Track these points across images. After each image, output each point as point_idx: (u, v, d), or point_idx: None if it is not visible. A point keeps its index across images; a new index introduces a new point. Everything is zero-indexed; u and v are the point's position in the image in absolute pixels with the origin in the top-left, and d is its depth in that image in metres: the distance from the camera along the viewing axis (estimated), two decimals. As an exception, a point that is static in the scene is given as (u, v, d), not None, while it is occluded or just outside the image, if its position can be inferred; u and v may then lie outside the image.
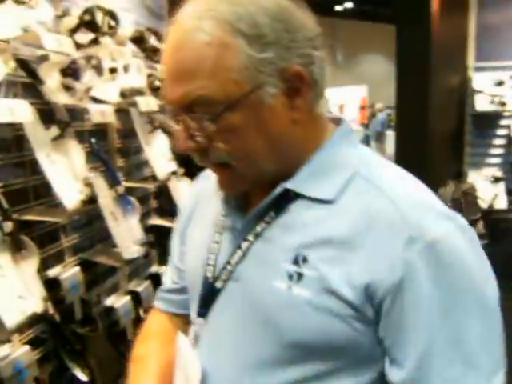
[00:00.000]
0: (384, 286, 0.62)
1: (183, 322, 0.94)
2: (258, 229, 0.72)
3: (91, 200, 1.49)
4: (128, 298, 1.91)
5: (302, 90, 0.68)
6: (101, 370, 1.62)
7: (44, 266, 1.59)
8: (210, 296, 0.76)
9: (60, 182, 1.45)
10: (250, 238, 0.72)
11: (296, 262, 0.67)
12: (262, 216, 0.72)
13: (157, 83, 2.05)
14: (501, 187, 3.21)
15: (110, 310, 1.87)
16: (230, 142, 0.66)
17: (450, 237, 0.63)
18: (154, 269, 2.22)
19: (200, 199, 0.88)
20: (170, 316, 0.95)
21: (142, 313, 2.01)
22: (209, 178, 0.89)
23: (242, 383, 0.71)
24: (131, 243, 1.69)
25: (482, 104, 3.17)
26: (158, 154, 1.99)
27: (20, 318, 1.28)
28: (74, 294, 1.61)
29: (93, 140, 1.74)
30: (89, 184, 1.50)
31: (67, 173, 1.48)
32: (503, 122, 3.29)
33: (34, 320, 1.41)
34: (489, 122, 3.33)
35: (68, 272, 1.60)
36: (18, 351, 1.41)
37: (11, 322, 1.26)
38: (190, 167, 2.25)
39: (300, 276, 0.66)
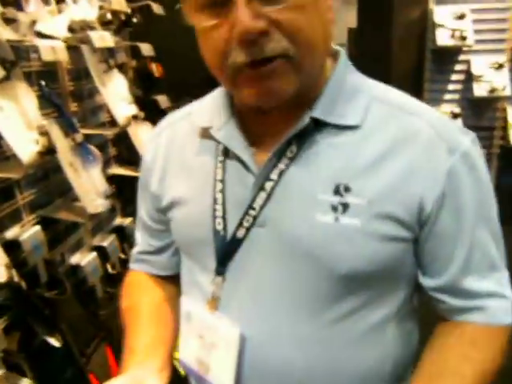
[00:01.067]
0: (432, 197, 0.64)
1: (164, 282, 0.88)
2: (282, 166, 0.66)
3: (49, 151, 1.32)
4: (94, 254, 1.78)
5: None
6: (73, 332, 1.51)
7: (0, 227, 1.43)
8: (228, 250, 0.69)
9: (12, 131, 1.26)
10: (274, 176, 0.66)
11: (337, 192, 0.64)
12: (283, 151, 0.66)
13: (108, 16, 1.82)
14: (459, 123, 3.23)
15: (76, 268, 1.74)
16: (296, 23, 0.59)
17: (473, 146, 0.67)
18: (118, 221, 2.08)
19: (172, 148, 0.78)
20: (150, 276, 0.89)
21: (109, 268, 1.90)
22: (176, 124, 0.81)
23: (292, 332, 0.67)
24: (95, 196, 1.54)
25: (442, 38, 3.10)
26: (116, 96, 1.80)
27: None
28: (36, 255, 1.46)
29: (42, 82, 1.54)
30: (45, 133, 1.32)
31: (19, 120, 1.29)
32: (462, 57, 3.27)
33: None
34: (448, 57, 3.29)
35: (28, 232, 1.44)
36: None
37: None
38: (149, 110, 2.08)
39: (345, 206, 0.63)
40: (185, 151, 0.76)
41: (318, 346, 0.67)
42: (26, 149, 1.27)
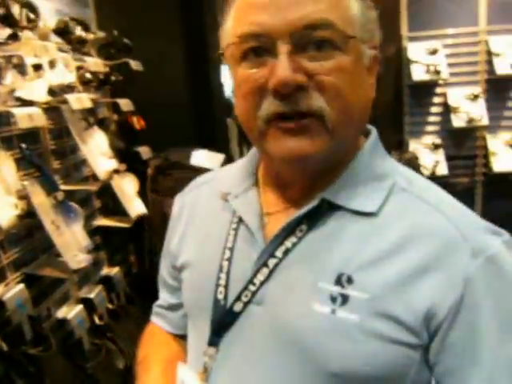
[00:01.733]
0: (444, 305, 0.57)
1: (175, 341, 0.88)
2: (288, 244, 0.63)
3: (28, 214, 1.38)
4: (80, 306, 1.81)
5: (374, 68, 0.64)
6: (59, 388, 1.53)
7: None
8: (224, 321, 0.66)
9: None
10: (279, 254, 0.64)
11: (339, 282, 0.59)
12: (293, 229, 0.64)
13: (88, 76, 1.91)
14: (440, 154, 3.31)
15: (63, 322, 1.76)
16: (335, 83, 0.58)
17: (504, 249, 0.60)
18: (105, 271, 2.12)
19: (194, 210, 0.80)
20: (165, 332, 0.90)
21: (97, 319, 1.92)
22: (201, 187, 0.82)
23: None
24: (77, 252, 1.59)
25: (418, 73, 3.22)
26: (96, 152, 1.88)
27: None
28: (20, 313, 1.50)
29: (23, 145, 1.60)
30: (23, 197, 1.38)
31: (-2, 187, 1.35)
32: (439, 90, 3.37)
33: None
34: (425, 90, 3.40)
35: (12, 291, 1.48)
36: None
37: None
38: (132, 162, 2.15)
39: (345, 298, 0.58)
40: (204, 215, 0.77)
41: None
42: (5, 213, 1.32)
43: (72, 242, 1.62)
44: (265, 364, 0.63)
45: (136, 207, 2.06)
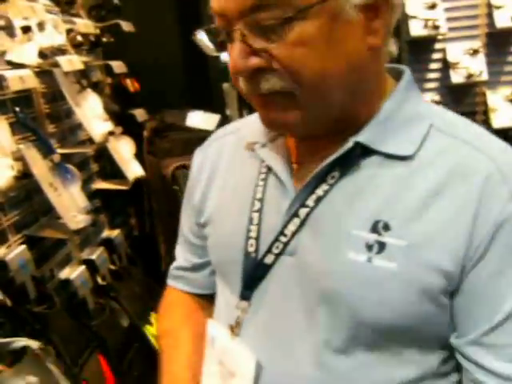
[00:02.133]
0: (478, 248, 0.55)
1: (201, 301, 0.87)
2: (320, 192, 0.61)
3: (25, 175, 1.39)
4: (83, 267, 1.85)
5: (381, 11, 0.57)
6: (65, 344, 1.58)
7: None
8: (255, 274, 0.65)
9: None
10: (310, 202, 0.61)
11: (375, 229, 0.57)
12: (324, 176, 0.61)
13: (79, 38, 1.90)
14: None
15: (66, 282, 1.81)
16: (297, 60, 0.54)
17: None
18: (106, 234, 2.16)
19: (218, 162, 0.77)
20: (187, 294, 0.88)
21: (99, 280, 1.97)
22: (224, 138, 0.79)
23: (305, 372, 0.61)
24: (76, 212, 1.62)
25: (416, 29, 3.15)
26: (91, 114, 1.88)
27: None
28: (23, 273, 1.54)
29: (17, 109, 1.61)
30: (19, 158, 1.39)
31: (-7, 149, 1.37)
32: (438, 46, 3.31)
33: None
34: (424, 46, 3.34)
35: (14, 252, 1.52)
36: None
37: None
38: (127, 125, 2.15)
39: (382, 246, 0.56)
40: (229, 166, 0.74)
41: None
42: (2, 174, 1.34)
43: (70, 203, 1.64)
44: (297, 314, 0.62)
45: (133, 170, 2.08)
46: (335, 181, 0.61)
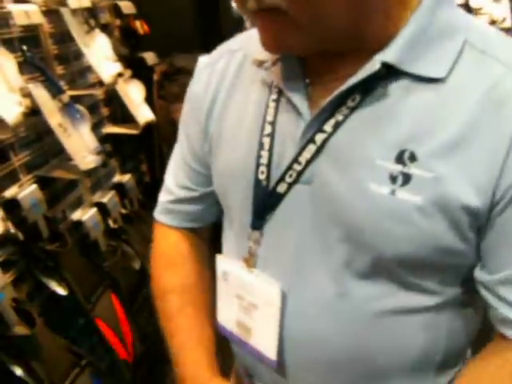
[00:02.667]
0: (507, 184, 0.51)
1: (198, 236, 0.83)
2: (339, 116, 0.55)
3: (33, 111, 1.38)
4: (94, 209, 1.87)
5: None
6: (77, 282, 1.62)
7: (-1, 190, 1.52)
8: (267, 204, 0.61)
9: (-4, 96, 1.33)
10: (328, 128, 0.56)
11: (400, 159, 0.52)
12: (343, 99, 0.55)
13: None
14: None
15: (78, 224, 1.83)
16: None
17: None
18: (117, 178, 2.16)
19: (225, 79, 0.69)
20: (181, 232, 0.82)
21: (111, 223, 1.99)
22: (234, 54, 0.71)
23: (327, 298, 0.60)
24: (86, 153, 1.61)
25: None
26: (100, 55, 1.84)
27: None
28: (35, 212, 1.56)
29: (24, 47, 1.58)
30: (27, 94, 1.38)
31: (1, 85, 1.35)
32: (459, -11, 3.17)
33: (-2, 242, 1.37)
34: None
35: (25, 191, 1.53)
36: (-12, 275, 1.39)
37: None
38: (137, 69, 2.11)
39: (407, 177, 0.52)
40: (238, 86, 0.68)
41: (354, 323, 0.60)
42: (11, 110, 1.33)
43: (80, 143, 1.64)
44: (313, 247, 0.59)
45: (144, 114, 2.06)
46: (356, 104, 0.55)
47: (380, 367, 0.63)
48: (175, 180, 0.79)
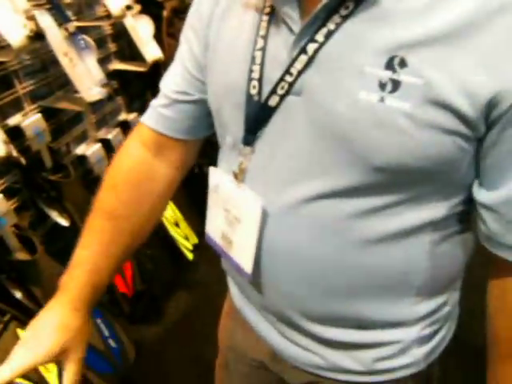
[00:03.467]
0: (509, 95, 0.49)
1: (174, 160, 0.80)
2: (331, 25, 0.54)
3: (38, 35, 1.36)
4: (99, 145, 1.87)
5: None
6: (79, 213, 1.63)
7: (2, 116, 1.50)
8: (258, 118, 0.61)
9: (0, 18, 1.30)
10: (319, 37, 0.55)
11: (390, 66, 0.51)
12: (336, 7, 0.54)
13: None
14: None
15: (82, 158, 1.83)
16: None
17: None
18: (123, 116, 2.15)
19: None
20: (160, 146, 0.78)
21: (115, 160, 1.99)
22: None
23: (312, 215, 0.60)
24: (92, 85, 1.59)
25: None
26: (109, -13, 1.79)
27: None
28: (39, 141, 1.55)
29: (30, -30, 1.53)
30: (31, 17, 1.35)
31: (5, 5, 1.32)
32: None
33: (0, 165, 1.37)
34: None
35: (29, 119, 1.52)
36: (-9, 200, 1.40)
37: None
38: (146, 4, 2.05)
39: (396, 84, 0.51)
40: (235, 2, 0.66)
41: (338, 237, 0.60)
42: (15, 32, 1.31)
43: (86, 74, 1.61)
44: (303, 158, 0.59)
45: (152, 51, 2.01)
46: (349, 13, 0.53)
47: (355, 285, 0.63)
48: (173, 85, 0.76)
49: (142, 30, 2.00)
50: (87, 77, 1.61)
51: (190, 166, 0.85)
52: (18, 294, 1.42)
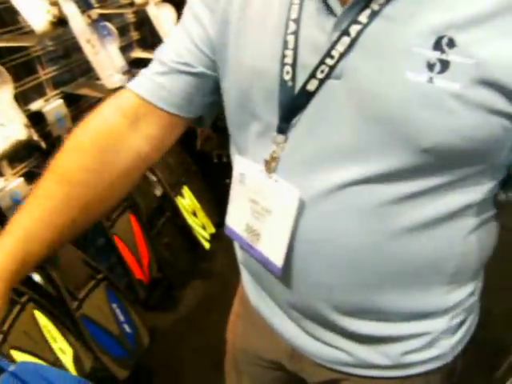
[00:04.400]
0: None
1: (163, 123, 0.71)
2: (375, 6, 0.52)
3: (61, 21, 1.37)
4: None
5: None
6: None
7: (25, 101, 1.52)
8: (295, 104, 0.58)
9: (24, 3, 1.31)
10: (363, 19, 0.53)
11: (438, 46, 0.50)
12: None
13: None
14: None
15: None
16: None
17: None
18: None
19: None
20: (147, 109, 0.70)
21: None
22: None
23: (355, 201, 0.58)
24: (113, 71, 1.60)
25: None
26: (133, -26, 1.79)
27: (5, 144, 1.26)
28: (60, 127, 1.57)
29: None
30: (55, 3, 1.36)
31: (30, -9, 1.33)
32: None
33: (21, 149, 1.39)
34: None
35: (51, 105, 1.54)
36: (13, 183, 1.42)
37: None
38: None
39: (445, 64, 0.50)
40: None
41: (376, 223, 0.59)
42: (38, 17, 1.32)
43: (107, 61, 1.62)
44: (343, 144, 0.57)
45: (173, 40, 2.01)
46: None
47: (389, 273, 0.62)
48: (174, 55, 0.69)
49: (164, 18, 2.00)
50: (109, 64, 1.62)
51: (165, 150, 0.75)
52: (37, 278, 1.44)
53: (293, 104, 0.59)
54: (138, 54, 2.07)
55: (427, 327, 0.67)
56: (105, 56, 1.62)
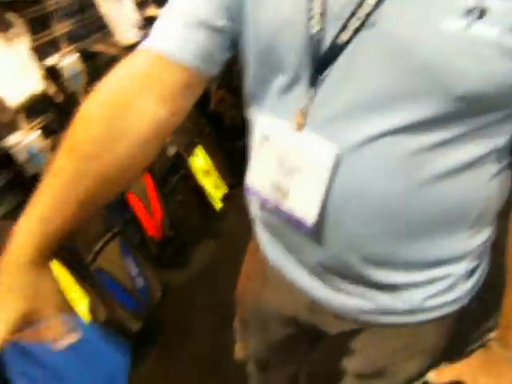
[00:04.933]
0: None
1: (180, 79, 0.66)
2: None
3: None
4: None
5: None
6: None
7: (40, 57, 1.53)
8: (327, 56, 0.57)
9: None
10: None
11: None
12: None
13: None
14: None
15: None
16: None
17: None
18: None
19: None
20: (163, 64, 0.65)
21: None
22: None
23: (390, 151, 0.58)
24: (128, 27, 1.59)
25: None
26: None
27: (21, 98, 1.28)
28: (75, 82, 1.58)
29: None
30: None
31: None
32: None
33: (38, 103, 1.41)
34: None
35: (66, 60, 1.54)
36: (29, 137, 1.44)
37: (13, 101, 1.25)
38: None
39: (483, 10, 0.49)
40: None
41: (409, 172, 0.59)
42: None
43: (122, 18, 1.62)
44: (376, 94, 0.56)
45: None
46: None
47: (418, 221, 0.63)
48: (192, 8, 0.64)
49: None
50: (124, 21, 1.61)
51: (183, 115, 0.69)
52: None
53: (324, 56, 0.57)
54: (153, 11, 2.04)
55: (449, 271, 0.69)
56: (119, 12, 1.61)
